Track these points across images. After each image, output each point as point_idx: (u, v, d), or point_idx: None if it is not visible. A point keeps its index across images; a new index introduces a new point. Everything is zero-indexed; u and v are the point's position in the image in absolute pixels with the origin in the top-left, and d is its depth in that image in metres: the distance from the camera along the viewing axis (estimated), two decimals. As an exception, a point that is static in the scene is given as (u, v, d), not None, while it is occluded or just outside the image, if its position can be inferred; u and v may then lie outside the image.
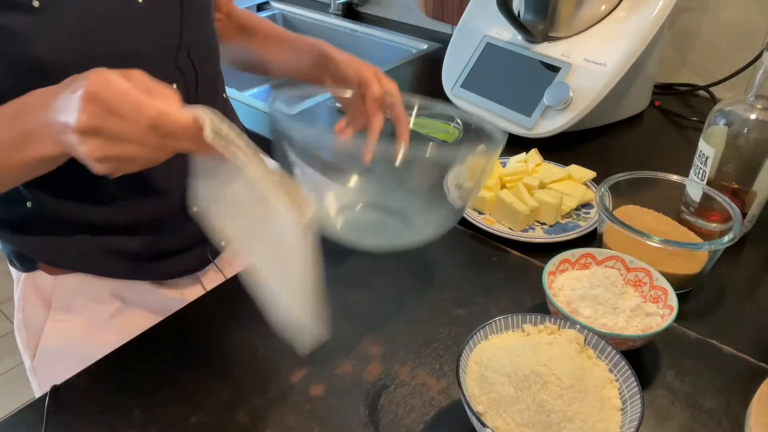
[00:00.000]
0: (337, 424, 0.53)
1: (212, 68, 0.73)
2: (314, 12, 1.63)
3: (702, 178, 0.73)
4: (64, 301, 0.71)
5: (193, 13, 0.64)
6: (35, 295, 0.72)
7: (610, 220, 0.65)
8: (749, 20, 1.05)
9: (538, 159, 0.85)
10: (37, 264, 0.70)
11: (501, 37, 1.03)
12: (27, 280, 0.72)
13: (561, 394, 0.45)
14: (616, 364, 0.49)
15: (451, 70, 1.08)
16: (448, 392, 0.56)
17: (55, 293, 0.71)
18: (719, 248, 0.63)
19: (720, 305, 0.66)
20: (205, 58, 0.69)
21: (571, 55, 0.95)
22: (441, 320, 0.64)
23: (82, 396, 0.57)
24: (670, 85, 1.16)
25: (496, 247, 0.75)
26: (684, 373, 0.58)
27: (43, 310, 0.72)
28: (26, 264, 0.71)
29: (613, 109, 1.01)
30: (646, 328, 0.57)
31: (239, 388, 0.57)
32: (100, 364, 0.60)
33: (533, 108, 0.95)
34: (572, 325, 0.52)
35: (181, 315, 0.65)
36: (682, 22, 1.12)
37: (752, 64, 1.02)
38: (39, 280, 0.71)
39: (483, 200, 0.78)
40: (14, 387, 1.83)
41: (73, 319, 0.71)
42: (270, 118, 0.73)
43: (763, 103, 0.67)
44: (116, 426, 0.54)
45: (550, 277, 0.62)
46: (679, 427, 0.53)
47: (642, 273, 0.62)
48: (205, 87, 0.70)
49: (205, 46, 0.70)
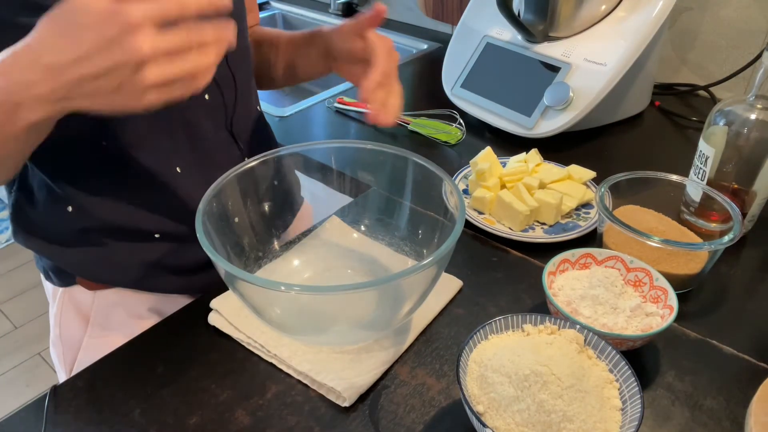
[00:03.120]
0: (337, 424, 0.53)
1: (248, 78, 0.72)
2: (314, 12, 1.63)
3: (702, 178, 0.73)
4: (102, 317, 0.70)
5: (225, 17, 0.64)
6: (73, 311, 0.71)
7: (610, 220, 0.65)
8: (749, 20, 1.05)
9: (538, 159, 0.85)
10: (75, 279, 0.70)
11: (501, 37, 1.03)
12: (64, 296, 0.71)
13: (561, 394, 0.45)
14: (616, 364, 0.49)
15: (451, 70, 1.08)
16: (448, 392, 0.56)
17: (94, 309, 0.70)
18: (719, 248, 0.63)
19: (720, 305, 0.66)
20: (240, 66, 0.69)
21: (571, 55, 0.95)
22: (441, 320, 0.64)
23: (82, 396, 0.57)
24: (670, 85, 1.16)
25: (496, 247, 0.75)
26: (684, 373, 0.58)
27: (81, 325, 0.71)
28: (64, 279, 0.70)
29: (613, 109, 1.01)
30: (646, 328, 0.57)
31: (239, 388, 0.57)
32: (100, 364, 0.60)
33: (533, 108, 0.95)
34: (572, 325, 0.52)
35: (181, 315, 0.65)
36: (682, 22, 1.12)
37: (752, 64, 1.02)
38: (77, 295, 0.70)
39: (483, 200, 0.78)
40: (14, 387, 1.83)
41: (112, 335, 0.70)
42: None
43: (763, 103, 0.67)
44: (116, 426, 0.54)
45: (550, 277, 0.62)
46: (679, 427, 0.53)
47: (642, 273, 0.62)
48: (243, 99, 0.70)
49: (241, 56, 0.69)
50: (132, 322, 0.71)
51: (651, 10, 0.91)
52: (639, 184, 0.72)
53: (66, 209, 0.64)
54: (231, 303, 0.63)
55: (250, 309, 0.55)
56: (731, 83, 1.08)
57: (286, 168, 0.71)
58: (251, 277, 0.48)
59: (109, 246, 0.66)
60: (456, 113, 1.04)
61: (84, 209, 0.64)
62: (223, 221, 0.60)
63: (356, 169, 0.75)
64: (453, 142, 0.99)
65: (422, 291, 0.55)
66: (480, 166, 0.80)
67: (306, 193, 0.90)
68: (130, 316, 0.71)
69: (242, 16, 0.68)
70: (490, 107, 1.01)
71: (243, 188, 0.63)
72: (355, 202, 0.76)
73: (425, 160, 0.62)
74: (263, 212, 0.68)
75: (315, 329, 0.58)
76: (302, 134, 1.04)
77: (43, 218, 0.66)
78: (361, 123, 1.06)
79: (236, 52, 0.67)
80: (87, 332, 0.71)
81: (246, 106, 0.72)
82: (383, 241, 0.70)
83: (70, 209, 0.64)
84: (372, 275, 0.67)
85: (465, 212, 0.56)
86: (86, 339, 0.71)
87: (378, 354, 0.58)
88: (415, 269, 0.49)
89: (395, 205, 0.69)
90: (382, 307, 0.60)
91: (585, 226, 0.76)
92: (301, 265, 0.69)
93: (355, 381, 0.55)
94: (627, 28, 0.93)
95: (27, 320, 2.06)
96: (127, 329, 0.70)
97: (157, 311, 0.72)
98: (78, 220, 0.65)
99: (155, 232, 0.67)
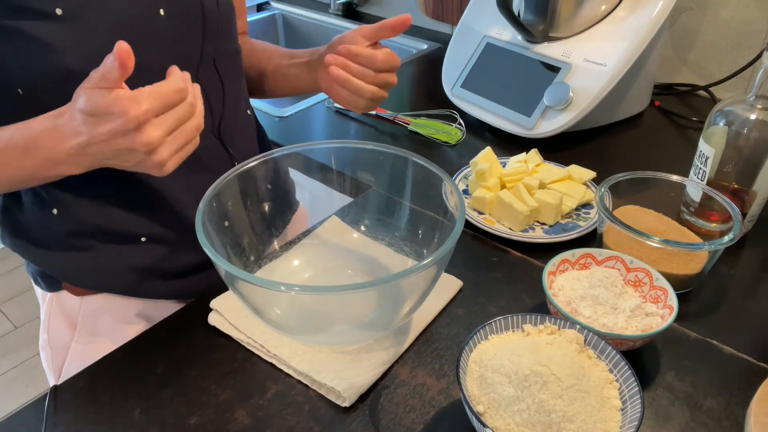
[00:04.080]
0: (337, 424, 0.53)
1: (236, 82, 0.72)
2: (314, 12, 1.63)
3: (702, 178, 0.73)
4: (90, 323, 0.70)
5: (214, 25, 0.65)
6: (60, 316, 0.71)
7: (610, 220, 0.65)
8: (749, 20, 1.05)
9: (538, 159, 0.85)
10: (62, 284, 0.70)
11: (501, 37, 1.03)
12: (52, 301, 0.71)
13: (561, 394, 0.45)
14: (616, 364, 0.49)
15: (451, 70, 1.08)
16: (448, 392, 0.56)
17: (81, 314, 0.70)
18: (719, 248, 0.63)
19: (720, 305, 0.66)
20: (229, 72, 0.69)
21: (571, 55, 0.95)
22: (441, 320, 0.64)
23: (82, 396, 0.57)
24: (670, 85, 1.16)
25: (496, 247, 0.75)
26: (684, 373, 0.58)
27: (69, 331, 0.71)
28: (51, 284, 0.70)
29: (613, 109, 1.01)
30: (646, 328, 0.57)
31: (239, 388, 0.57)
32: (100, 364, 0.60)
33: (533, 108, 0.95)
34: (572, 325, 0.52)
35: (181, 315, 0.65)
36: (682, 22, 1.12)
37: (752, 64, 1.02)
38: (64, 300, 0.70)
39: (483, 200, 0.78)
40: (14, 387, 1.83)
41: (99, 340, 0.70)
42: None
43: (763, 103, 0.67)
44: (116, 426, 0.54)
45: (550, 277, 0.62)
46: (679, 427, 0.53)
47: (642, 273, 0.62)
48: (231, 103, 0.70)
49: (230, 60, 0.69)
50: (120, 327, 0.70)
51: (651, 10, 0.91)
52: (639, 184, 0.72)
53: (51, 212, 0.64)
54: (231, 303, 0.63)
55: (250, 309, 0.55)
56: (731, 83, 1.08)
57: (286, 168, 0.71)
58: (251, 277, 0.48)
59: (95, 249, 0.66)
60: (456, 113, 1.04)
61: (69, 212, 0.64)
62: (223, 221, 0.60)
63: (356, 169, 0.75)
64: (453, 142, 0.99)
65: (422, 291, 0.55)
66: (480, 166, 0.80)
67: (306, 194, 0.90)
68: (118, 321, 0.70)
69: (231, 20, 0.68)
70: (490, 107, 1.01)
71: (243, 188, 0.63)
72: (355, 202, 0.76)
73: (425, 160, 0.62)
74: (263, 212, 0.68)
75: (315, 329, 0.58)
76: (302, 134, 1.04)
77: (29, 221, 0.66)
78: (362, 123, 1.06)
79: (224, 56, 0.67)
80: (74, 338, 0.71)
81: (235, 110, 0.72)
82: (383, 241, 0.70)
83: (55, 212, 0.64)
84: (372, 275, 0.67)
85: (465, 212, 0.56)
86: (73, 344, 0.71)
87: (378, 354, 0.58)
88: (415, 269, 0.49)
89: (395, 205, 0.69)
90: (382, 307, 0.60)
91: (585, 226, 0.76)
92: (301, 265, 0.69)
93: (355, 381, 0.55)
94: (627, 28, 0.93)
95: (27, 320, 2.06)
96: (114, 335, 0.70)
97: (146, 317, 0.72)
98: (64, 222, 0.64)
99: (141, 235, 0.67)
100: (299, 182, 0.83)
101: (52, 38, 0.52)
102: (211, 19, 0.64)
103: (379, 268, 0.68)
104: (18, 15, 0.51)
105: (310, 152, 0.67)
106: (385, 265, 0.68)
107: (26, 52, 0.53)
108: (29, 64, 0.54)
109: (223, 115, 0.69)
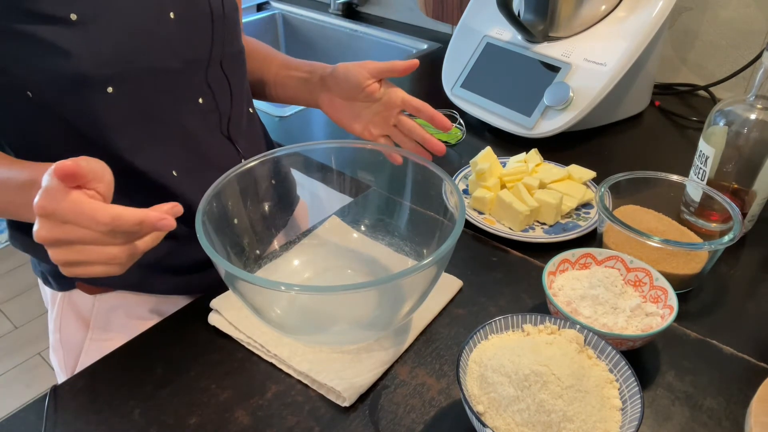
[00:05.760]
0: (337, 424, 0.53)
1: (241, 81, 0.72)
2: (314, 12, 1.63)
3: (702, 178, 0.73)
4: (104, 320, 0.70)
5: (223, 26, 0.65)
6: (73, 315, 0.71)
7: (610, 220, 0.65)
8: (749, 20, 1.05)
9: (538, 159, 0.85)
10: (75, 283, 0.69)
11: (501, 37, 1.03)
12: (64, 300, 0.71)
13: (561, 394, 0.45)
14: (616, 364, 0.49)
15: (451, 70, 1.08)
16: (448, 392, 0.56)
17: (94, 313, 0.70)
18: (719, 248, 0.63)
19: (720, 305, 0.66)
20: (234, 71, 0.69)
21: (571, 55, 0.95)
22: (441, 320, 0.64)
23: (82, 396, 0.57)
24: (670, 85, 1.16)
25: (496, 247, 0.75)
26: (684, 373, 0.58)
27: (82, 329, 0.71)
28: (63, 283, 0.70)
29: (613, 109, 1.01)
30: (646, 328, 0.57)
31: (239, 388, 0.57)
32: (100, 364, 0.60)
33: (533, 108, 0.95)
34: (572, 325, 0.52)
35: (181, 315, 0.65)
36: (682, 22, 1.12)
37: (752, 64, 1.02)
38: (77, 299, 0.70)
39: (483, 200, 0.78)
40: (14, 387, 1.83)
41: (113, 337, 0.70)
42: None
43: (763, 103, 0.67)
44: (116, 426, 0.54)
45: (550, 277, 0.62)
46: (679, 427, 0.53)
47: (642, 273, 0.62)
48: (237, 102, 0.70)
49: (235, 60, 0.70)
50: (133, 323, 0.70)
51: (651, 10, 0.91)
52: (639, 184, 0.72)
53: None
54: (231, 303, 0.63)
55: (250, 309, 0.55)
56: (731, 83, 1.08)
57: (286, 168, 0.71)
58: (251, 277, 0.48)
59: None
60: (456, 113, 1.04)
61: None
62: (223, 221, 0.60)
63: (356, 169, 0.75)
64: (453, 142, 0.99)
65: (422, 291, 0.55)
66: (480, 166, 0.80)
67: (306, 193, 0.90)
68: (132, 317, 0.71)
69: (236, 20, 0.69)
70: (490, 107, 1.01)
71: (243, 188, 0.63)
72: (355, 202, 0.76)
73: (425, 160, 0.62)
74: (263, 212, 0.68)
75: (315, 329, 0.58)
76: (302, 134, 1.04)
77: None
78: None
79: (230, 56, 0.67)
80: (88, 336, 0.71)
81: (241, 109, 0.72)
82: (383, 241, 0.70)
83: None
84: (372, 275, 0.67)
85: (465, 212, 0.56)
86: (87, 342, 0.71)
87: (378, 354, 0.58)
88: (415, 269, 0.49)
89: (395, 205, 0.69)
90: (382, 307, 0.60)
91: (585, 226, 0.76)
92: (301, 265, 0.69)
93: (355, 381, 0.55)
94: (627, 28, 0.93)
95: (27, 320, 2.06)
96: (128, 331, 0.69)
97: (159, 312, 0.72)
98: None
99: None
100: (299, 182, 0.83)
101: (65, 43, 0.52)
102: (219, 20, 0.64)
103: (379, 268, 0.68)
104: (32, 20, 0.51)
105: (310, 152, 0.67)
106: (385, 265, 0.68)
107: (39, 56, 0.53)
108: (41, 67, 0.54)
109: (231, 112, 0.69)
